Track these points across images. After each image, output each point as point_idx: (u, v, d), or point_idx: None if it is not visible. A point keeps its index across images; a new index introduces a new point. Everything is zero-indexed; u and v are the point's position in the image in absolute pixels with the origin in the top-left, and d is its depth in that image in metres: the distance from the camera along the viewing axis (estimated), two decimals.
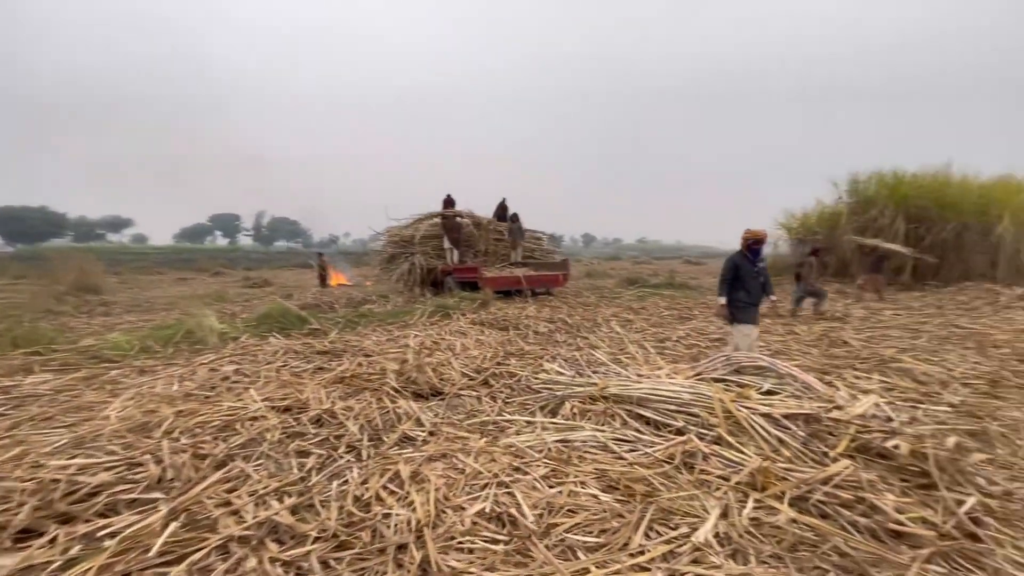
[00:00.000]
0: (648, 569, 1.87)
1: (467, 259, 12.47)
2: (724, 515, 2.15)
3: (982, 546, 1.94)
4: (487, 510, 2.23)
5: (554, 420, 3.35)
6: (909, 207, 13.84)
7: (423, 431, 3.35)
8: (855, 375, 4.49)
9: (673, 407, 3.21)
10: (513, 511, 2.21)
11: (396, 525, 2.17)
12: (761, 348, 5.55)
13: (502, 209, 13.80)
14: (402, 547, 2.03)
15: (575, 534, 2.09)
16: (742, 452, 2.65)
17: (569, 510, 2.25)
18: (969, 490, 2.22)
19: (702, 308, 9.69)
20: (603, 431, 3.11)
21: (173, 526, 2.06)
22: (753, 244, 4.75)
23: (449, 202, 13.78)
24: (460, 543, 2.05)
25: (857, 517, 2.06)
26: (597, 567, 1.90)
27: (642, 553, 1.96)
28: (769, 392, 3.19)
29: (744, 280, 4.73)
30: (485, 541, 2.06)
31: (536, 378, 4.14)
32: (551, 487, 2.46)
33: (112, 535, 2.03)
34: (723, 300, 4.82)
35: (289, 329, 6.90)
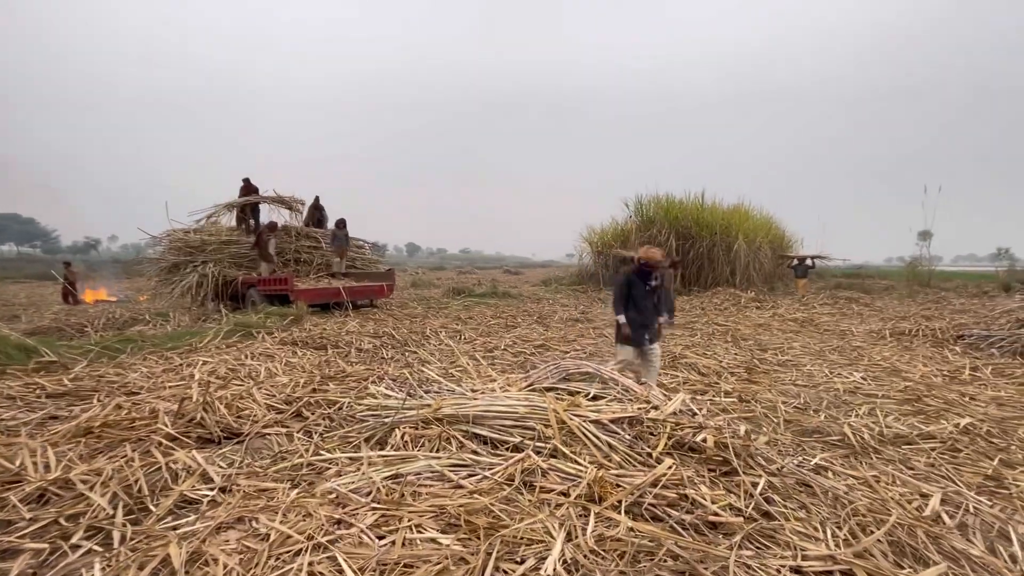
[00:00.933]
0: None
1: (275, 268, 11.00)
2: (569, 537, 2.07)
3: (775, 523, 2.21)
4: None
5: (383, 452, 2.95)
6: (678, 226, 16.81)
7: (211, 489, 2.63)
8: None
9: (510, 422, 3.11)
10: None
11: None
12: (595, 356, 5.96)
13: (316, 210, 12.56)
14: None
15: None
16: (578, 463, 2.65)
17: (406, 565, 1.92)
18: (758, 472, 2.55)
19: (524, 315, 10.17)
20: (439, 458, 2.83)
21: None
22: (645, 266, 4.49)
23: (249, 188, 12.01)
24: None
25: (683, 516, 2.18)
26: None
27: None
28: (595, 397, 3.31)
29: (636, 299, 4.44)
30: None
31: (360, 404, 3.66)
32: (382, 538, 2.09)
33: None
34: (621, 317, 4.43)
35: (3, 365, 5.02)
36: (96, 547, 2.15)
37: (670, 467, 2.45)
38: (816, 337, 7.97)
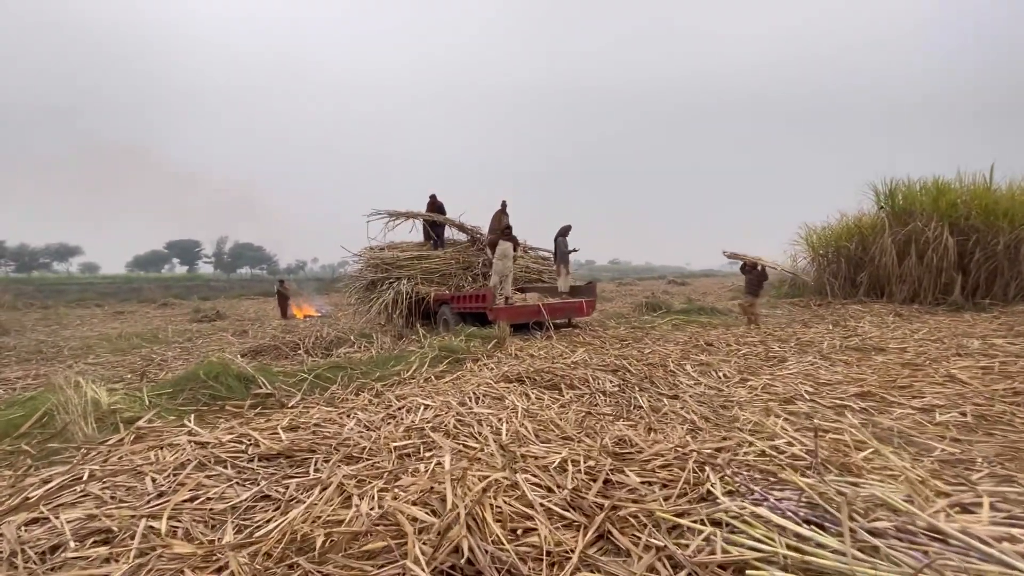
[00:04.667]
0: None
1: (464, 284, 10.26)
2: None
3: None
4: None
5: None
6: (957, 218, 12.41)
7: None
8: None
9: None
10: None
11: None
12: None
13: (504, 215, 11.56)
14: None
15: None
16: None
17: None
18: None
19: (772, 340, 7.69)
20: None
21: None
22: None
23: (434, 204, 11.58)
24: None
25: None
26: None
27: None
28: None
29: None
30: None
31: (737, 543, 1.92)
32: None
33: None
34: None
35: (224, 399, 4.49)
36: None
37: None
38: None
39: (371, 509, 2.34)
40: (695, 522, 2.13)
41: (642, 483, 2.53)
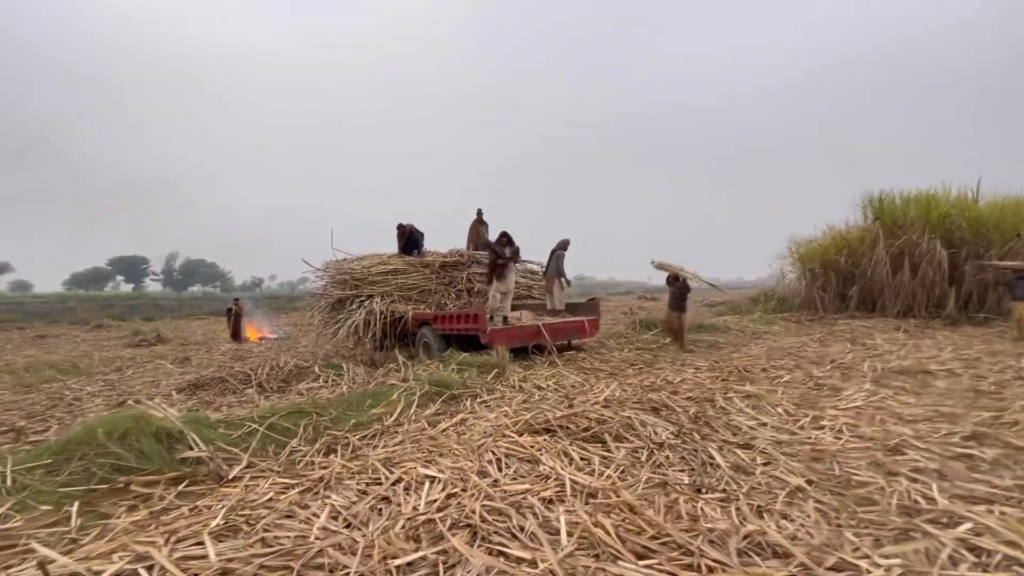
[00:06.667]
0: None
1: (448, 303, 9.04)
2: None
3: None
4: None
5: None
6: (948, 231, 12.18)
7: None
8: None
9: None
10: None
11: None
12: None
13: (481, 225, 10.44)
14: None
15: None
16: None
17: None
18: None
19: (805, 363, 6.83)
20: None
21: None
22: None
23: (403, 229, 10.31)
24: None
25: None
26: None
27: None
28: None
29: None
30: None
31: None
32: None
33: None
34: None
35: (133, 471, 3.13)
36: None
37: None
38: None
39: None
40: None
41: None
